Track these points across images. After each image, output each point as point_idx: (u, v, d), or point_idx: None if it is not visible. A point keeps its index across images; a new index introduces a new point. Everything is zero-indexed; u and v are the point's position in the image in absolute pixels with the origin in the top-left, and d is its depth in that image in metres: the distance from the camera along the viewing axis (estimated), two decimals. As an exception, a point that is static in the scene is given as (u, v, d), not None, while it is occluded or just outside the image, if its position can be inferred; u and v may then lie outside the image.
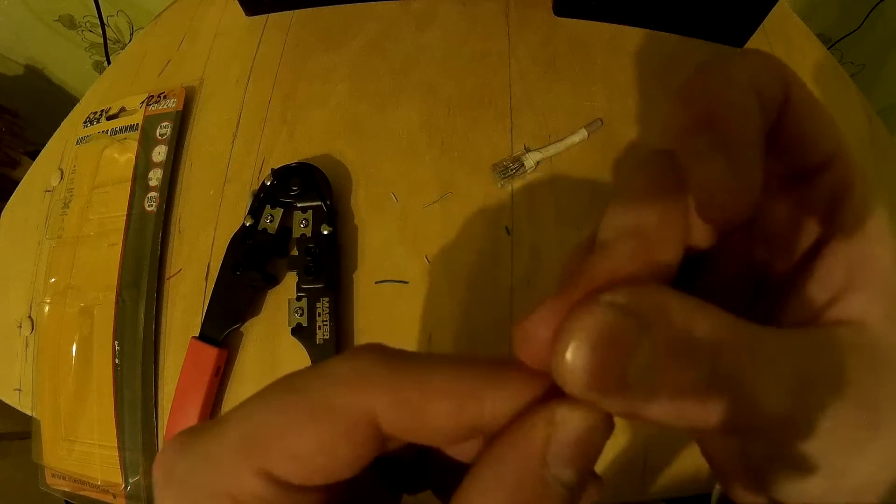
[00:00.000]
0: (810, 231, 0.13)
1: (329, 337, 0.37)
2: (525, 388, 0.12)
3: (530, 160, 0.42)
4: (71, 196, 0.45)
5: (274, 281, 0.40)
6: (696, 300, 0.11)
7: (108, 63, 0.78)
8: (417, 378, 0.12)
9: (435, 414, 0.11)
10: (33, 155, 0.53)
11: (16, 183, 0.49)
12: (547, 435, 0.11)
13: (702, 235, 0.13)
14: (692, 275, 0.14)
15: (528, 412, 0.11)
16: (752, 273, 0.15)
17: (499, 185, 0.42)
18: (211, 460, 0.12)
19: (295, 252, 0.39)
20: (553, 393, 0.11)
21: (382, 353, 0.12)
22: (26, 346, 0.42)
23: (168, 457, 0.12)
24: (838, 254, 0.13)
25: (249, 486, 0.11)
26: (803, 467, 0.12)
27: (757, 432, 0.11)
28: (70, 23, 0.75)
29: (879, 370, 0.12)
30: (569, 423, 0.11)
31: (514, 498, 0.11)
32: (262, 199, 0.40)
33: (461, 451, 0.14)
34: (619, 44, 0.48)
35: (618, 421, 0.11)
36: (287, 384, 0.12)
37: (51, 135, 0.50)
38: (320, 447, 0.11)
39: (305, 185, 0.40)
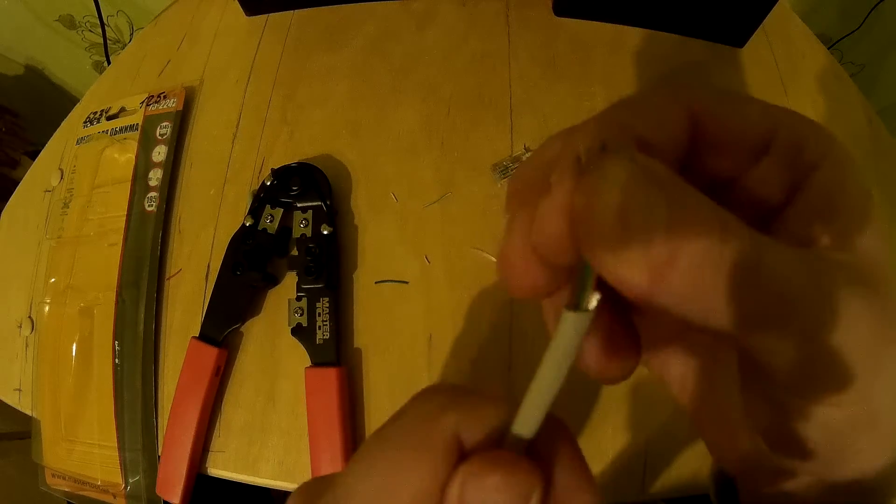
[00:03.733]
0: (783, 182, 0.14)
1: (329, 337, 0.37)
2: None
3: (530, 160, 0.42)
4: (71, 196, 0.45)
5: (274, 281, 0.40)
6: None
7: (108, 63, 0.78)
8: (478, 401, 0.13)
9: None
10: (33, 155, 0.53)
11: (16, 183, 0.49)
12: (456, 496, 0.12)
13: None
14: None
15: None
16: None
17: (499, 185, 0.42)
18: None
19: (295, 252, 0.39)
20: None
21: (449, 389, 0.14)
22: (26, 346, 0.42)
23: None
24: (813, 188, 0.13)
25: None
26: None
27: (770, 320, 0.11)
28: (70, 23, 0.75)
29: (875, 297, 0.11)
30: (477, 482, 0.12)
31: None
32: (262, 199, 0.40)
33: None
34: (619, 44, 0.48)
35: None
36: (383, 438, 0.14)
37: (51, 135, 0.50)
38: (433, 477, 0.12)
39: (305, 185, 0.40)
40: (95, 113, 0.47)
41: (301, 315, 0.37)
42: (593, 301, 0.12)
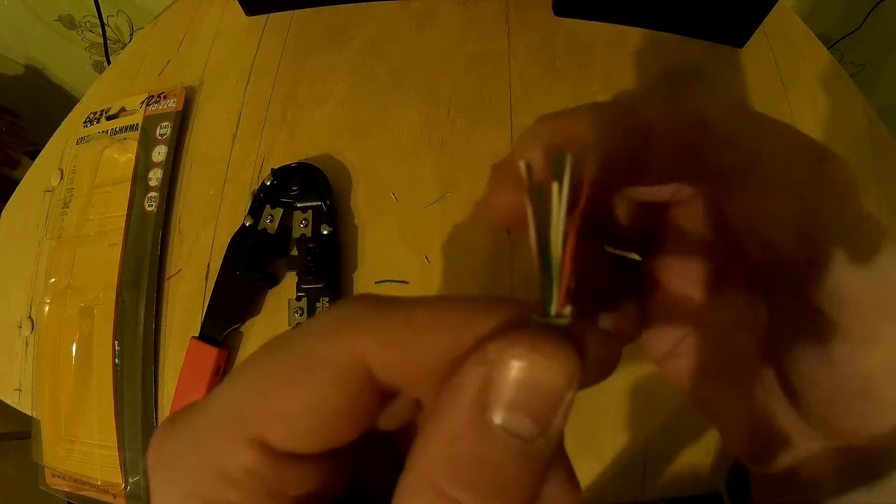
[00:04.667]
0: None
1: (329, 337, 0.37)
2: (522, 311, 0.11)
3: (530, 160, 0.42)
4: (71, 196, 0.45)
5: (274, 281, 0.40)
6: None
7: (108, 63, 0.78)
8: (406, 314, 0.11)
9: (427, 348, 0.10)
10: (33, 155, 0.53)
11: (16, 183, 0.49)
12: (482, 375, 0.09)
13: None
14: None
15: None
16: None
17: (499, 185, 0.42)
18: (198, 436, 0.11)
19: (295, 252, 0.39)
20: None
21: (369, 298, 0.11)
22: (26, 346, 0.42)
23: (158, 439, 0.12)
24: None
25: (240, 460, 0.10)
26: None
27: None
28: (70, 23, 0.75)
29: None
30: (508, 359, 0.09)
31: (452, 453, 0.09)
32: (262, 199, 0.40)
33: None
34: (619, 44, 0.48)
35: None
36: (272, 345, 0.11)
37: (51, 135, 0.50)
38: (311, 402, 0.10)
39: (305, 185, 0.40)
40: (95, 113, 0.47)
41: (301, 315, 0.37)
42: (565, 311, 0.10)
